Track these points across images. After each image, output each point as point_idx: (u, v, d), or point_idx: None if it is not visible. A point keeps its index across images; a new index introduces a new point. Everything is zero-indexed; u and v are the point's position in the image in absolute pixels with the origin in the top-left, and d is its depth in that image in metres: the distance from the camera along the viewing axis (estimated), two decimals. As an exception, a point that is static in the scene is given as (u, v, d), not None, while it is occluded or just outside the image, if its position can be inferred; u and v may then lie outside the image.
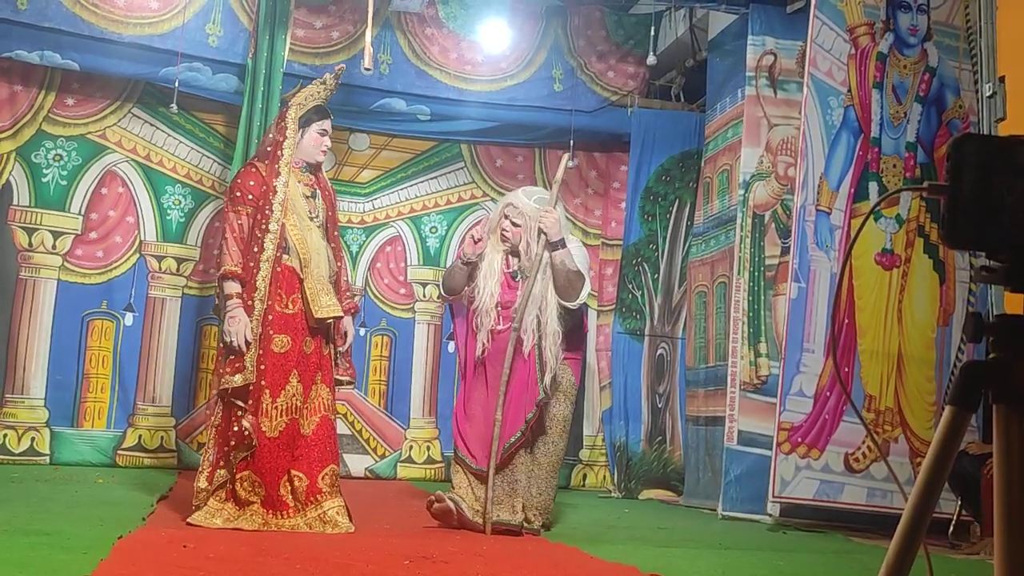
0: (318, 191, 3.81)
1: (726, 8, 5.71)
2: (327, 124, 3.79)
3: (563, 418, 4.01)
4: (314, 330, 3.68)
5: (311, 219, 3.72)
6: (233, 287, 3.60)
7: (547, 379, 3.90)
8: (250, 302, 3.58)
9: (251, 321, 3.56)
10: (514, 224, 4.00)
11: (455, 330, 4.24)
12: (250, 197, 3.65)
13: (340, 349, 3.81)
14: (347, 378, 3.89)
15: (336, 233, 3.90)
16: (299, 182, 3.75)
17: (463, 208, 6.71)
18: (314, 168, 3.84)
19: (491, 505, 3.74)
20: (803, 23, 5.03)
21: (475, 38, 6.28)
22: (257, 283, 3.58)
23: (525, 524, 3.84)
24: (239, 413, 3.55)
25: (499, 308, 3.95)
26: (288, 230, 3.65)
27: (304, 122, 3.75)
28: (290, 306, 3.63)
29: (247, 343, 3.54)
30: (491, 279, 3.95)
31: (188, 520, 3.52)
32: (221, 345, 3.66)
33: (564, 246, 3.96)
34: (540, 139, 6.68)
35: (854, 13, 4.92)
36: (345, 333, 3.82)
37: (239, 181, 3.74)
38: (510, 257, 4.04)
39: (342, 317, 3.74)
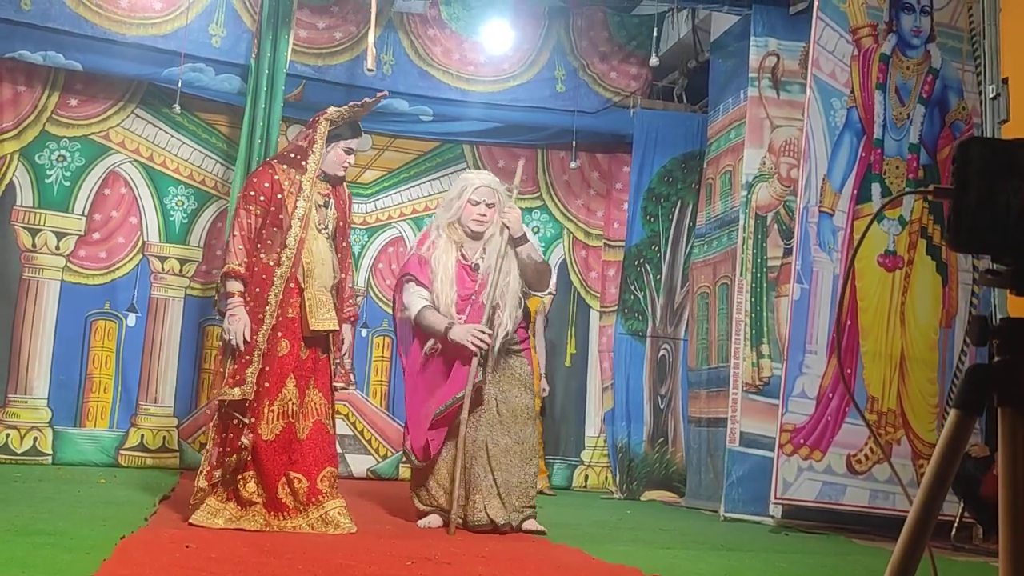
0: (331, 201, 3.81)
1: (729, 9, 5.70)
2: (355, 143, 3.80)
3: (525, 406, 3.96)
4: (309, 339, 3.68)
5: (319, 230, 3.72)
6: (235, 286, 3.60)
7: (489, 364, 3.88)
8: (253, 303, 3.59)
9: (259, 334, 3.56)
10: (489, 206, 3.92)
11: (403, 346, 4.13)
12: (262, 198, 3.65)
13: (336, 360, 3.81)
14: (341, 384, 3.89)
15: (345, 243, 3.88)
16: (317, 192, 3.74)
17: (465, 209, 6.71)
18: (333, 179, 3.83)
19: (456, 503, 3.75)
20: (806, 24, 5.03)
21: (478, 39, 6.29)
22: (269, 298, 3.58)
23: (495, 519, 3.81)
24: (238, 426, 3.54)
25: (456, 304, 3.90)
26: (293, 239, 3.65)
27: (334, 137, 3.73)
28: (289, 311, 3.63)
29: (246, 341, 3.54)
30: (446, 283, 3.88)
31: (190, 520, 3.52)
32: (220, 343, 3.68)
33: (527, 240, 3.93)
34: (542, 140, 6.69)
35: (857, 14, 4.92)
36: (343, 341, 3.81)
37: (254, 180, 3.73)
38: (464, 248, 3.96)
39: (338, 331, 3.74)
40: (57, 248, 5.97)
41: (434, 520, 3.91)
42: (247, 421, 3.53)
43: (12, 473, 5.06)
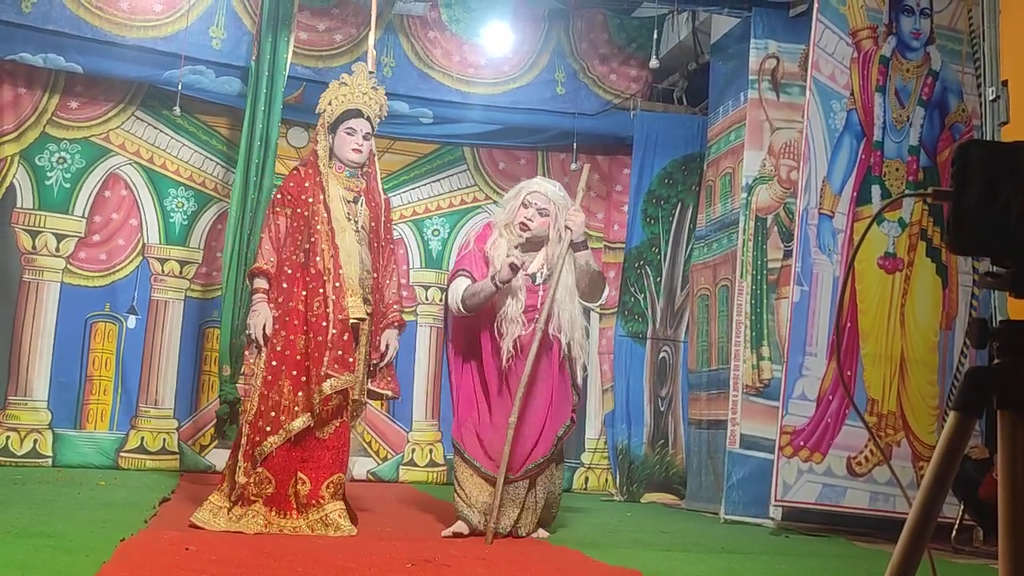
0: (362, 197, 3.82)
1: (729, 11, 5.70)
2: (353, 123, 3.79)
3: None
4: None
5: (348, 220, 3.73)
6: (259, 283, 3.68)
7: (579, 379, 3.86)
8: (279, 299, 3.62)
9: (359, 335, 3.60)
10: (540, 212, 3.80)
11: (452, 338, 3.99)
12: (289, 197, 3.74)
13: (380, 364, 3.78)
14: (389, 392, 3.87)
15: (379, 244, 3.83)
16: (343, 187, 3.77)
17: (465, 211, 6.72)
18: (363, 174, 3.85)
19: (496, 513, 3.64)
20: (806, 26, 5.03)
21: (478, 41, 6.29)
22: (327, 292, 3.63)
23: (520, 530, 3.79)
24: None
25: (524, 313, 3.77)
26: (320, 232, 3.67)
27: (333, 126, 3.80)
28: (316, 305, 3.64)
29: (265, 336, 3.58)
30: (516, 283, 3.74)
31: (191, 520, 3.52)
32: (245, 339, 3.76)
33: (587, 247, 3.86)
34: (543, 142, 6.69)
35: (857, 17, 4.92)
36: (387, 346, 3.78)
37: (282, 185, 3.87)
38: (525, 259, 3.82)
39: (365, 319, 3.72)
40: (57, 250, 5.98)
41: (460, 527, 3.77)
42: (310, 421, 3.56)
43: (12, 475, 5.06)
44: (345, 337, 3.58)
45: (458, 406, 3.93)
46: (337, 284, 3.61)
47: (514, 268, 3.63)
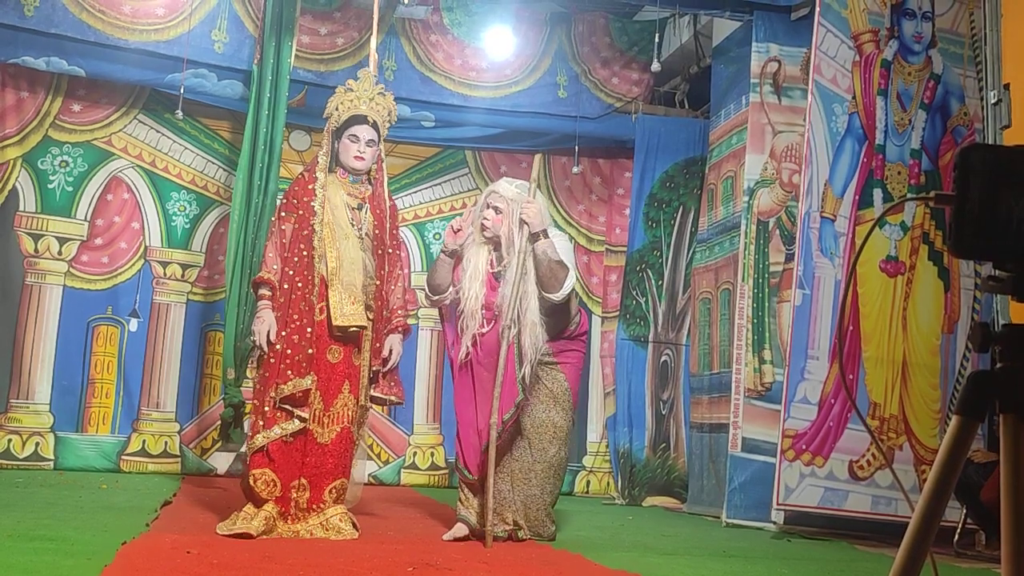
0: (366, 204, 3.81)
1: (730, 15, 5.71)
2: (356, 130, 3.78)
3: (553, 424, 3.84)
4: (340, 338, 3.67)
5: (351, 226, 3.73)
6: (264, 291, 3.71)
7: (525, 372, 3.71)
8: (283, 299, 3.63)
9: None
10: (495, 210, 3.81)
11: (445, 337, 4.05)
12: (295, 203, 3.76)
13: (383, 369, 3.76)
14: (393, 397, 3.86)
15: (382, 251, 3.80)
16: (347, 193, 3.77)
17: (467, 214, 6.72)
18: (368, 180, 3.84)
19: (491, 516, 3.61)
20: (807, 30, 5.03)
21: (480, 44, 6.30)
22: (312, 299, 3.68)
23: (519, 533, 3.79)
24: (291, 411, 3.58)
25: (483, 310, 3.79)
26: (316, 238, 3.67)
27: (339, 132, 3.80)
28: (318, 313, 3.65)
29: (269, 343, 3.59)
30: (476, 280, 3.78)
31: (218, 531, 3.47)
32: (250, 343, 3.81)
33: (546, 236, 3.77)
34: (544, 145, 6.68)
35: (858, 20, 4.92)
36: (391, 351, 3.78)
37: (288, 190, 3.88)
38: (493, 257, 3.86)
39: (364, 327, 3.71)
40: (59, 253, 5.98)
41: (459, 530, 3.77)
42: (305, 416, 3.58)
43: (14, 478, 5.07)
44: (310, 351, 3.58)
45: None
46: (312, 293, 3.62)
47: (452, 229, 3.80)
